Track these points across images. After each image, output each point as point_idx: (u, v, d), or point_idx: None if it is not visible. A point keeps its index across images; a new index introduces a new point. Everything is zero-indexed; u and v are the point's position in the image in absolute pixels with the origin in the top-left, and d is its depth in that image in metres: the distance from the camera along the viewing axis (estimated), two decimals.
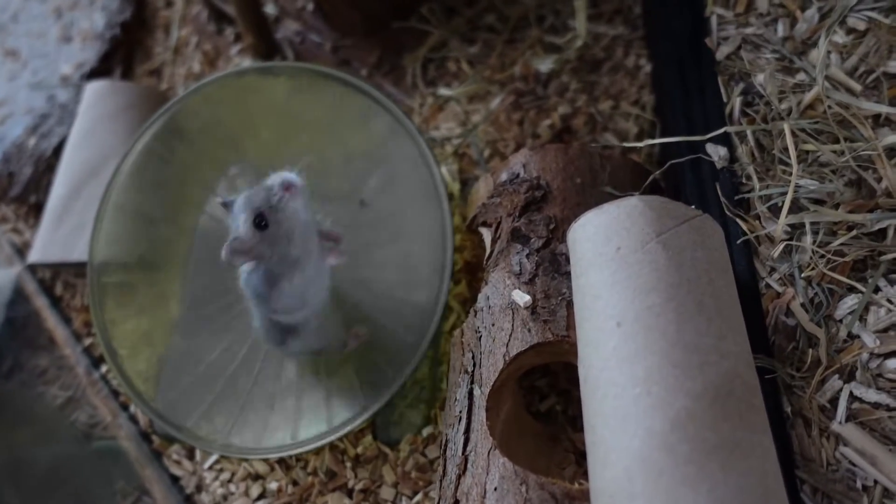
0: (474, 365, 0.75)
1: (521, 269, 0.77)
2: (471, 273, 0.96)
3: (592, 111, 1.08)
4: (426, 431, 0.93)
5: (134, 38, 1.49)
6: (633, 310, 0.60)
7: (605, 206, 0.67)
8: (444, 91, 1.18)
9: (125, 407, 1.07)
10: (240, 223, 0.78)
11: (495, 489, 0.65)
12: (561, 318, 0.72)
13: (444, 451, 0.74)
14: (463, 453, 0.70)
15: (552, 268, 0.76)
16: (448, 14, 1.26)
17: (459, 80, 1.20)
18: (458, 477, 0.70)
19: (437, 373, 0.97)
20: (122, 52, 1.45)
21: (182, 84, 1.41)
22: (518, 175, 0.84)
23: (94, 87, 1.28)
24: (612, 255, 0.64)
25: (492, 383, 0.72)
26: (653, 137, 1.03)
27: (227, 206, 0.81)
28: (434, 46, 1.24)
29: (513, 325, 0.74)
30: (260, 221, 0.78)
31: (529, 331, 0.72)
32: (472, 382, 0.74)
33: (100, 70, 1.42)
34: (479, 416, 0.71)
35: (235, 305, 1.04)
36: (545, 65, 1.11)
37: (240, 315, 1.03)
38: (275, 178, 0.80)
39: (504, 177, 0.86)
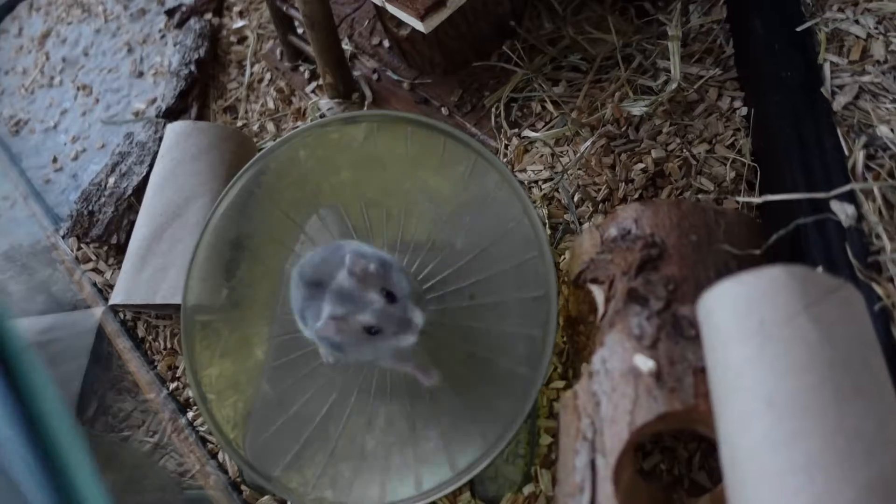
0: (594, 432, 0.73)
1: (641, 333, 0.74)
2: (571, 327, 0.94)
3: (687, 155, 1.06)
4: (527, 489, 0.90)
5: (208, 75, 1.50)
6: (786, 389, 0.57)
7: (742, 276, 0.64)
8: (529, 133, 1.16)
9: (213, 455, 1.05)
10: (352, 310, 0.80)
11: None
12: (688, 385, 0.70)
13: None
14: None
15: (675, 332, 0.73)
16: (530, 53, 1.24)
17: (544, 122, 1.18)
18: None
19: (534, 427, 0.95)
20: (198, 89, 1.46)
21: (257, 121, 1.41)
22: (630, 231, 0.82)
23: (174, 128, 1.28)
24: (756, 328, 0.61)
25: (617, 454, 0.69)
26: (751, 184, 1.00)
27: (352, 273, 0.82)
28: (518, 87, 1.22)
29: (636, 392, 0.71)
30: (372, 329, 0.81)
31: (655, 399, 0.70)
32: (593, 451, 0.72)
33: (176, 107, 1.43)
34: (604, 488, 0.69)
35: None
36: (637, 108, 1.09)
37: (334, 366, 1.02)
38: (413, 316, 0.81)
39: (614, 232, 0.84)
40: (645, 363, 0.72)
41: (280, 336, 1.07)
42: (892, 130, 0.82)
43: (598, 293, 0.82)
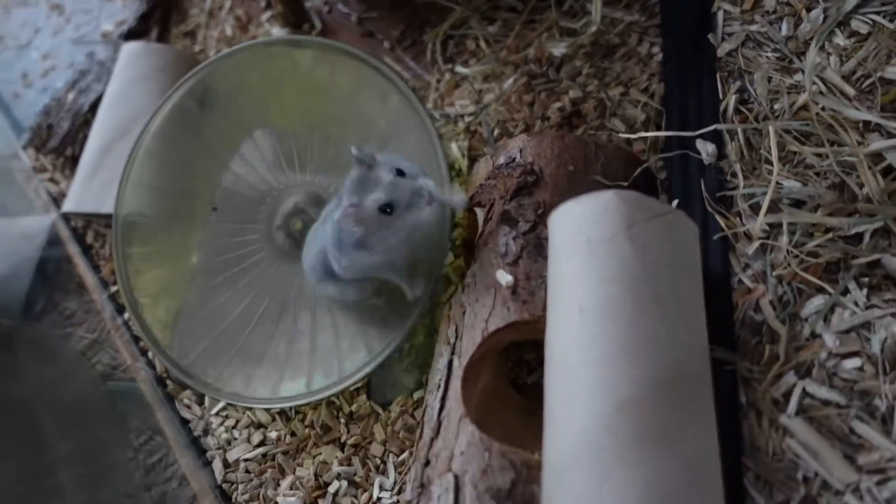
0: (456, 337, 0.80)
1: (506, 251, 0.81)
2: (469, 249, 1.00)
3: (603, 96, 1.11)
4: (417, 395, 0.98)
5: (171, 0, 1.55)
6: (595, 298, 0.64)
7: (582, 198, 0.71)
8: (460, 69, 1.21)
9: (144, 352, 1.14)
10: (366, 193, 0.80)
11: (461, 453, 0.71)
12: (539, 299, 0.76)
13: (423, 415, 0.80)
14: (438, 418, 0.76)
15: (536, 251, 0.80)
16: None
17: (477, 59, 1.23)
18: (432, 440, 0.75)
19: (433, 342, 1.02)
20: (160, 13, 1.51)
21: (214, 47, 1.46)
22: (514, 159, 0.88)
23: (129, 48, 1.33)
24: (583, 245, 0.68)
25: (469, 355, 0.77)
26: (659, 127, 1.05)
27: (360, 161, 0.81)
28: (455, 24, 1.27)
29: (494, 302, 0.78)
30: (387, 208, 0.80)
31: (508, 309, 0.77)
32: (452, 353, 0.79)
33: (137, 29, 1.49)
34: (455, 385, 0.76)
35: (251, 262, 1.11)
36: (559, 48, 1.14)
37: (256, 272, 1.10)
38: (425, 183, 0.81)
39: (502, 160, 0.90)
40: (504, 277, 0.78)
41: (210, 244, 1.14)
42: (767, 79, 0.87)
43: (480, 215, 0.89)
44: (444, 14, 1.28)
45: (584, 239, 0.68)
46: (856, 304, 0.71)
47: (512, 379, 0.95)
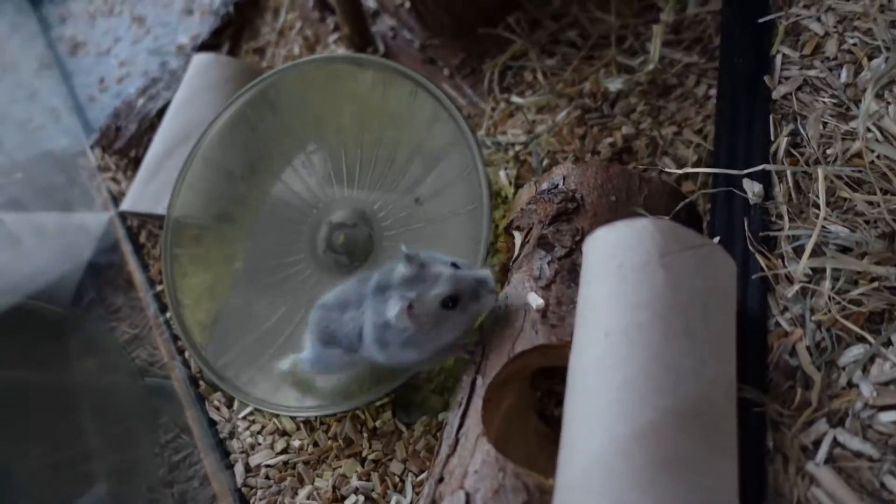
0: (482, 357, 0.80)
1: (540, 274, 0.80)
2: (504, 273, 1.00)
3: (655, 135, 1.10)
4: (442, 416, 0.98)
5: (245, 18, 1.61)
6: (623, 323, 0.63)
7: (617, 224, 0.70)
8: (515, 99, 1.23)
9: (181, 352, 1.16)
10: (425, 289, 0.77)
11: (475, 471, 0.70)
12: (568, 325, 0.76)
13: (443, 431, 0.79)
14: (455, 435, 0.75)
15: (570, 277, 0.79)
16: (533, 25, 1.30)
17: (533, 91, 1.24)
18: (448, 457, 0.74)
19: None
20: (232, 30, 1.57)
21: (281, 64, 1.50)
22: (557, 185, 0.88)
23: (199, 59, 1.39)
24: (615, 270, 0.67)
25: (493, 375, 0.76)
26: (709, 167, 1.04)
27: (411, 259, 0.78)
28: (515, 55, 1.29)
29: (523, 324, 0.78)
30: (450, 302, 0.77)
31: (537, 332, 0.76)
32: (476, 373, 0.79)
33: (210, 43, 1.55)
34: (476, 404, 0.76)
35: (293, 272, 1.12)
36: (615, 84, 1.14)
37: (296, 282, 1.11)
38: (486, 276, 0.79)
39: (545, 186, 0.90)
40: (535, 300, 0.78)
41: (256, 254, 1.17)
42: (821, 123, 0.85)
43: (517, 238, 0.89)
44: (505, 45, 1.30)
45: (617, 264, 0.67)
46: None
47: (540, 410, 0.93)
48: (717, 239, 0.81)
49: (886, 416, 0.66)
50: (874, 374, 0.68)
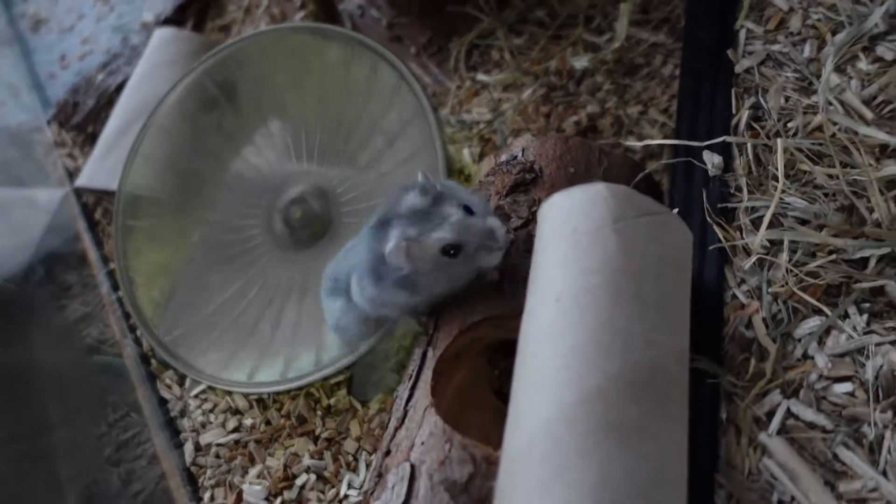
0: (434, 329, 0.77)
1: None
2: None
3: (620, 114, 1.09)
4: (395, 394, 0.95)
5: None
6: (574, 288, 0.61)
7: (572, 189, 0.68)
8: (481, 77, 1.21)
9: (133, 329, 1.13)
10: (428, 229, 0.69)
11: (422, 443, 0.67)
12: (523, 295, 0.73)
13: (392, 405, 0.77)
14: (404, 408, 0.73)
15: (525, 248, 0.77)
16: (501, 4, 1.28)
17: (500, 70, 1.22)
18: (396, 429, 0.72)
19: None
20: (198, 6, 1.53)
21: None
22: (515, 157, 0.86)
23: (160, 33, 1.36)
24: (568, 235, 0.65)
25: (444, 347, 0.74)
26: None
27: (425, 190, 0.71)
28: (482, 34, 1.27)
29: (476, 295, 0.76)
30: (451, 250, 0.70)
31: (489, 303, 0.74)
32: (428, 345, 0.76)
33: (174, 19, 1.51)
34: (426, 375, 0.74)
35: (248, 247, 1.10)
36: (580, 62, 1.12)
37: (251, 257, 1.09)
38: (495, 223, 0.71)
39: (504, 158, 0.88)
40: (490, 273, 0.76)
41: (214, 230, 1.14)
42: (784, 97, 0.84)
43: None
44: (473, 24, 1.28)
45: (570, 229, 0.65)
46: (854, 328, 0.67)
47: (497, 388, 0.91)
48: (675, 210, 0.79)
49: (840, 388, 0.64)
50: (829, 346, 0.67)
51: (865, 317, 0.67)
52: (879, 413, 0.61)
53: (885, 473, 0.59)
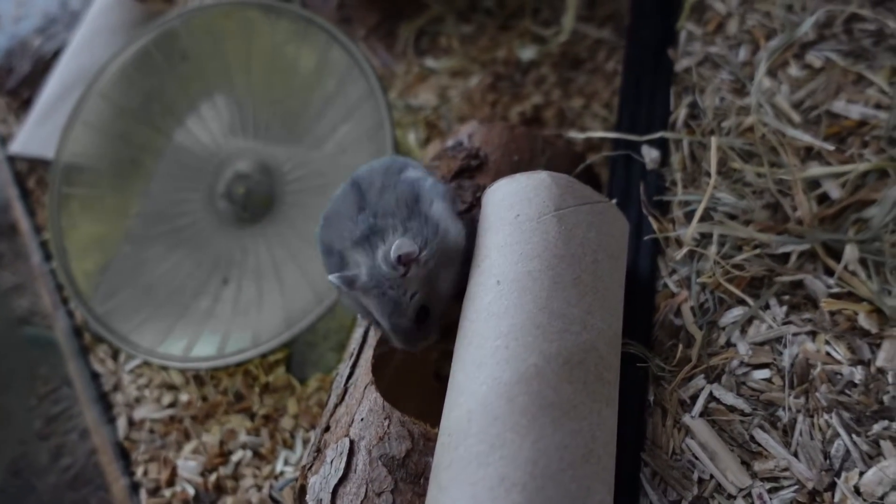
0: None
1: None
2: None
3: (563, 106, 1.12)
4: (336, 373, 0.96)
5: None
6: (514, 272, 0.63)
7: (516, 176, 0.70)
8: (429, 63, 1.22)
9: (65, 302, 1.11)
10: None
11: (362, 419, 0.69)
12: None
13: (332, 382, 0.78)
14: (345, 385, 0.74)
15: (468, 231, 0.79)
16: None
17: (448, 56, 1.23)
18: (336, 405, 0.73)
19: None
20: None
21: None
22: (461, 143, 0.88)
23: (102, 0, 1.32)
24: (511, 220, 0.67)
25: None
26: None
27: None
28: (431, 19, 1.28)
29: None
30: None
31: None
32: (370, 324, 0.78)
33: None
34: (367, 354, 0.75)
35: (189, 221, 1.08)
36: (527, 53, 1.15)
37: (191, 231, 1.08)
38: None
39: (450, 143, 0.89)
40: None
41: (151, 196, 1.12)
42: (719, 98, 0.88)
43: None
44: (422, 9, 1.29)
45: (513, 215, 0.67)
46: (773, 319, 0.71)
47: (435, 370, 0.93)
48: (614, 201, 0.82)
49: (759, 374, 0.68)
50: (751, 335, 0.71)
51: (785, 308, 0.71)
52: (793, 398, 0.65)
53: (796, 454, 0.63)
